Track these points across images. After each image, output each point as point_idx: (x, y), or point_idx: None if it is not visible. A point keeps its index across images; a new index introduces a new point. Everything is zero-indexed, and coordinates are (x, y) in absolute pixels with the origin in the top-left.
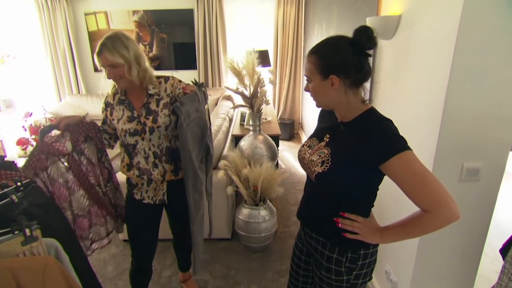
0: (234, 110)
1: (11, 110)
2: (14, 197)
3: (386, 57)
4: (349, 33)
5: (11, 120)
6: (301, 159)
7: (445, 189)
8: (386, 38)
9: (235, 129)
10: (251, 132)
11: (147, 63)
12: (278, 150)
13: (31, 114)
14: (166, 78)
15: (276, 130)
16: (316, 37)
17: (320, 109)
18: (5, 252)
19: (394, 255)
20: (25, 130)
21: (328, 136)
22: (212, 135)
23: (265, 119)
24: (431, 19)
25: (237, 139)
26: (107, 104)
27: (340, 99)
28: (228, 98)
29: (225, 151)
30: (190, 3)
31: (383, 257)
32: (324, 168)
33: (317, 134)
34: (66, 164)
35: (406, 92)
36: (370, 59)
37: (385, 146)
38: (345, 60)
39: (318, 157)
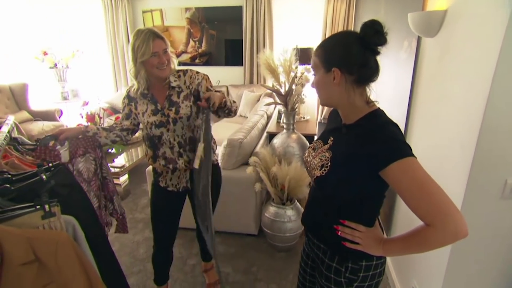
0: (274, 108)
1: (77, 99)
2: (43, 175)
3: (429, 55)
4: (393, 29)
5: (75, 108)
6: (305, 162)
7: (451, 201)
8: (429, 36)
9: (271, 127)
10: (284, 130)
11: None
12: None
13: (88, 103)
14: (185, 72)
15: (313, 129)
16: None
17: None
18: (27, 223)
19: (422, 270)
20: (82, 117)
21: (332, 139)
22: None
23: (303, 117)
24: (477, 15)
25: (272, 136)
26: (130, 99)
27: (342, 95)
28: (270, 95)
29: (258, 148)
30: (240, 0)
31: (410, 272)
32: (323, 172)
33: (323, 137)
34: None
35: (448, 92)
36: (381, 57)
37: (386, 150)
38: (348, 53)
39: (319, 160)
